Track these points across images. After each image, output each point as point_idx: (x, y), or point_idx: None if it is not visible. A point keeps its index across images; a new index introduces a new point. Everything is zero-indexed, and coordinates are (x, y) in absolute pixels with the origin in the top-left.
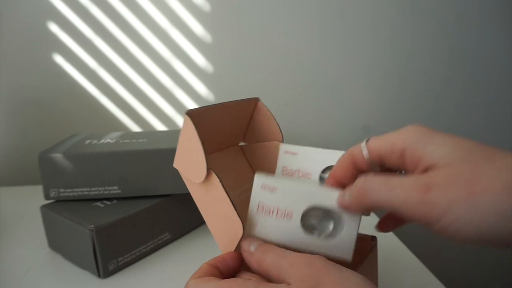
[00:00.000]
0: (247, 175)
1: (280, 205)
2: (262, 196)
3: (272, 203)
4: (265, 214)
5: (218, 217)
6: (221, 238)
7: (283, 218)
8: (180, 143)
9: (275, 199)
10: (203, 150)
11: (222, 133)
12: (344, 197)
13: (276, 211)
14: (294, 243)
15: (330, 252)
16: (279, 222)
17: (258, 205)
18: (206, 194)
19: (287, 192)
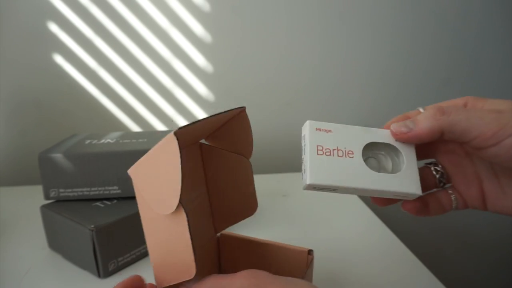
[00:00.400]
0: (201, 177)
1: (339, 144)
2: (318, 138)
3: (330, 144)
4: (326, 155)
5: (168, 250)
6: (161, 270)
7: (345, 157)
8: (154, 156)
9: (333, 139)
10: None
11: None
12: (407, 124)
13: (336, 150)
14: (363, 182)
15: (399, 188)
16: (343, 161)
17: (317, 147)
18: (163, 222)
19: (342, 132)
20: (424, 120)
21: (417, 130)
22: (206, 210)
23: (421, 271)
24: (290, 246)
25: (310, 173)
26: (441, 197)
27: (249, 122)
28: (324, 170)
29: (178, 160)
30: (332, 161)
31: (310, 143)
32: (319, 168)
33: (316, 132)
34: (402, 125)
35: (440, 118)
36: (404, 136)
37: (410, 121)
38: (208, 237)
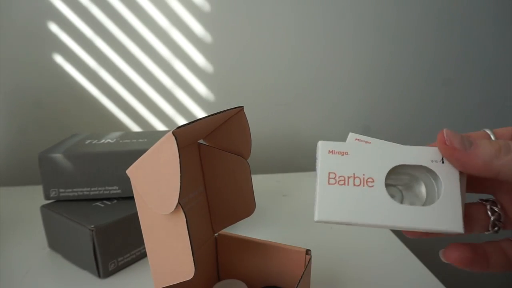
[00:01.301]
0: (199, 177)
1: (356, 170)
2: (331, 163)
3: (345, 170)
4: (339, 184)
5: (167, 250)
6: (160, 270)
7: (363, 186)
8: (152, 156)
9: (349, 164)
10: (180, 184)
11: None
12: (464, 141)
13: (352, 178)
14: (382, 219)
15: (430, 225)
16: (360, 191)
17: (329, 175)
18: (162, 222)
19: (362, 153)
20: (484, 150)
21: (471, 156)
22: (204, 210)
23: (421, 271)
24: (288, 246)
25: (318, 208)
26: (506, 248)
27: (247, 122)
28: (335, 204)
29: (177, 160)
30: (346, 192)
31: (321, 170)
32: (328, 202)
33: (328, 155)
34: (459, 139)
35: (504, 158)
36: (452, 152)
37: (469, 140)
38: (206, 237)
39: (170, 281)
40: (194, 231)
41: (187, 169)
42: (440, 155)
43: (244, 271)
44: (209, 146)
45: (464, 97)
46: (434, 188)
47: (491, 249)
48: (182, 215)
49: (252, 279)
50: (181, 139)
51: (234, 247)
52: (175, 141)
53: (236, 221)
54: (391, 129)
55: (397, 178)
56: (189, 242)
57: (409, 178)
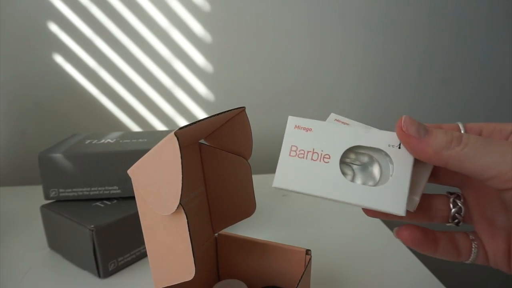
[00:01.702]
0: (199, 177)
1: (316, 146)
2: (295, 137)
3: (306, 145)
4: (298, 157)
5: (167, 251)
6: (160, 270)
7: (318, 161)
8: (154, 156)
9: (311, 140)
10: (182, 185)
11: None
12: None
13: (310, 153)
14: (332, 193)
15: (374, 204)
16: (314, 166)
17: (291, 148)
18: (163, 222)
19: (324, 131)
20: (436, 140)
21: (423, 144)
22: (204, 210)
23: (421, 271)
24: (287, 246)
25: (277, 175)
26: (459, 240)
27: (249, 122)
28: (291, 174)
29: (179, 161)
30: (303, 165)
31: (284, 142)
32: (287, 172)
33: (294, 130)
34: (416, 126)
35: (453, 150)
36: (407, 139)
37: (425, 129)
38: (206, 237)
39: (170, 282)
40: (194, 231)
41: (188, 169)
42: (398, 141)
43: (244, 271)
44: (210, 146)
45: (461, 96)
46: (389, 171)
47: (443, 236)
48: (183, 216)
49: (252, 279)
50: (182, 139)
51: (234, 247)
52: (177, 142)
53: (236, 222)
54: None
55: (356, 158)
56: (190, 243)
57: (368, 159)
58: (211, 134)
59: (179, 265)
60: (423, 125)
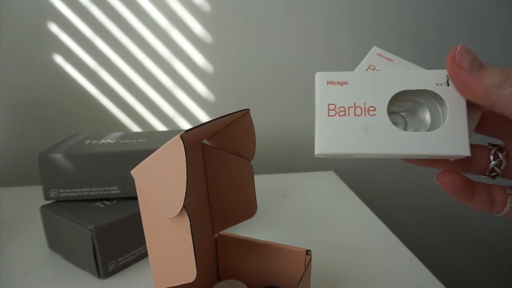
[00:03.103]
0: (201, 178)
1: (357, 99)
2: (330, 94)
3: (345, 100)
4: (339, 115)
5: (169, 252)
6: (161, 271)
7: (363, 115)
8: (159, 158)
9: (349, 94)
10: (186, 188)
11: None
12: (474, 62)
13: (352, 108)
14: (387, 147)
15: (440, 151)
16: (360, 122)
17: (328, 107)
18: (165, 224)
19: (361, 82)
20: (490, 76)
21: (474, 79)
22: (205, 210)
23: (421, 271)
24: (288, 247)
25: (318, 141)
26: (495, 193)
27: (253, 124)
28: (336, 136)
29: (184, 164)
30: (347, 123)
31: (319, 102)
32: (329, 134)
33: (327, 87)
34: (470, 58)
35: (506, 90)
36: (457, 70)
37: (480, 63)
38: (206, 238)
39: (171, 283)
40: (195, 231)
41: (190, 169)
42: (445, 78)
43: (244, 272)
44: (213, 147)
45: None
46: (439, 113)
47: (481, 187)
48: (186, 218)
49: (252, 279)
50: (186, 141)
51: (234, 247)
52: (183, 145)
53: (237, 223)
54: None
55: (400, 105)
56: (192, 245)
57: (412, 104)
58: (214, 135)
59: (180, 266)
60: (478, 59)
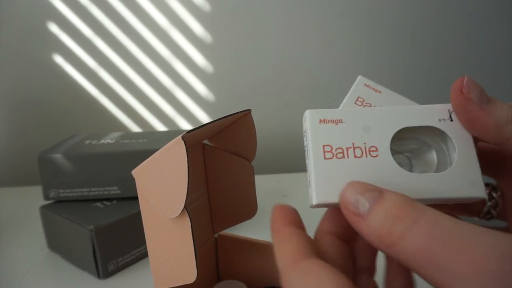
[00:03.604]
0: (202, 178)
1: (355, 139)
2: (324, 134)
3: (342, 140)
4: (337, 157)
5: (169, 253)
6: (161, 272)
7: (365, 157)
8: (160, 159)
9: (345, 133)
10: (188, 189)
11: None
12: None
13: (351, 149)
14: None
15: (454, 193)
16: (361, 164)
17: (324, 148)
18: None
19: (358, 119)
20: (502, 110)
21: (484, 112)
22: (205, 210)
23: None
24: None
25: (316, 188)
26: None
27: (254, 125)
28: (336, 182)
29: (186, 165)
30: (347, 166)
31: (313, 144)
32: (327, 180)
33: (319, 125)
34: (479, 90)
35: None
36: (465, 103)
37: (488, 96)
38: (206, 238)
39: (171, 283)
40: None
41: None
42: (447, 113)
43: (244, 272)
44: (214, 147)
45: None
46: (444, 152)
47: None
48: (187, 219)
49: (252, 279)
50: (188, 141)
51: (234, 247)
52: (185, 146)
53: (237, 223)
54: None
55: (402, 144)
56: (193, 246)
57: (415, 143)
58: (215, 135)
59: (180, 267)
60: (485, 92)
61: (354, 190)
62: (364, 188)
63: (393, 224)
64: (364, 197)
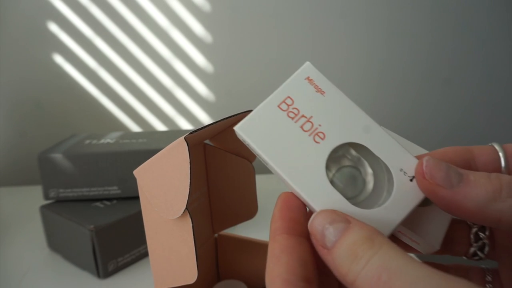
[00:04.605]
0: (203, 177)
1: (316, 115)
2: (298, 89)
3: (306, 106)
4: (288, 115)
5: (170, 253)
6: (161, 272)
7: (307, 134)
8: (162, 159)
9: (315, 104)
10: (189, 190)
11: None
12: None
13: (305, 119)
14: (299, 182)
15: None
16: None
17: (286, 99)
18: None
19: (338, 105)
20: (479, 189)
21: (459, 196)
22: (206, 210)
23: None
24: None
25: (247, 121)
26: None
27: None
28: (265, 129)
29: (188, 166)
30: (286, 127)
31: (281, 89)
32: (261, 122)
33: (302, 81)
34: (444, 171)
35: (507, 201)
36: (433, 189)
37: (458, 174)
38: (206, 238)
39: (171, 284)
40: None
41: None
42: (413, 171)
43: (244, 272)
44: (215, 147)
45: (463, 96)
46: (382, 193)
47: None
48: (189, 220)
49: (252, 279)
50: (190, 142)
51: (234, 247)
52: (187, 147)
53: (238, 223)
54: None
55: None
56: (193, 246)
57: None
58: (216, 135)
59: (181, 267)
60: (454, 168)
61: (322, 219)
62: (332, 218)
63: (351, 263)
64: (332, 227)
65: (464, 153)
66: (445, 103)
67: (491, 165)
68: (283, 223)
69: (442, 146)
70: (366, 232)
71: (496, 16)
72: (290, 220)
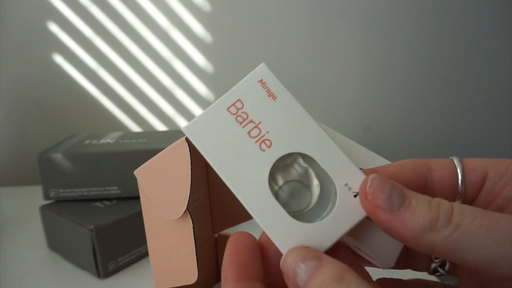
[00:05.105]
0: (203, 177)
1: (265, 121)
2: (250, 92)
3: (255, 111)
4: (236, 119)
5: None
6: (161, 272)
7: (254, 141)
8: (163, 160)
9: (265, 109)
10: (190, 191)
11: None
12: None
13: (252, 124)
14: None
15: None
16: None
17: (236, 102)
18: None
19: (288, 111)
20: (415, 217)
21: (397, 222)
22: (206, 210)
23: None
24: None
25: (194, 122)
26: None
27: None
28: (211, 131)
29: (189, 167)
30: (232, 131)
31: (232, 91)
32: (208, 124)
33: (255, 84)
34: (386, 193)
35: (440, 233)
36: (374, 210)
37: (401, 197)
38: (206, 238)
39: (171, 284)
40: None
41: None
42: (358, 186)
43: None
44: None
45: (462, 97)
46: (325, 208)
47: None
48: (189, 220)
49: None
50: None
51: None
52: (188, 147)
53: (238, 223)
54: (393, 129)
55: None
56: (194, 247)
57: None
58: None
59: (181, 268)
60: (399, 190)
61: (294, 256)
62: (304, 256)
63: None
64: (304, 265)
65: (420, 167)
66: (444, 103)
67: (446, 181)
68: (232, 270)
69: (441, 146)
70: (336, 271)
71: (496, 16)
72: (238, 266)
